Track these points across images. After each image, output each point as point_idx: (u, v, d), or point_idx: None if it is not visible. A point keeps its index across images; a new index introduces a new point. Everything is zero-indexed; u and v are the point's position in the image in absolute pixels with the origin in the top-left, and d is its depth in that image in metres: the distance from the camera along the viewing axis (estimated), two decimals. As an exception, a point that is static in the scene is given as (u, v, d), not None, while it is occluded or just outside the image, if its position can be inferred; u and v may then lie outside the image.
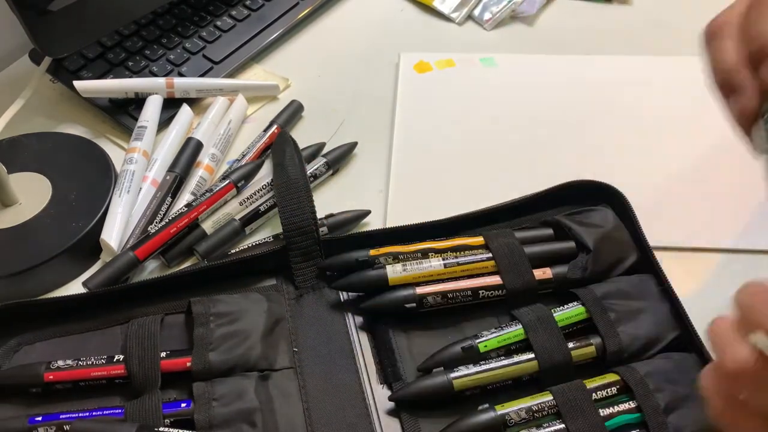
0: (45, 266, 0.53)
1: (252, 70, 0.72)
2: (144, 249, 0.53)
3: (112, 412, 0.44)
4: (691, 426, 0.42)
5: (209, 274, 0.51)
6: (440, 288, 0.49)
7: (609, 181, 0.54)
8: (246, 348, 0.46)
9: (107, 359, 0.46)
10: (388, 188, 0.60)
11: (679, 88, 0.67)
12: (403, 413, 0.45)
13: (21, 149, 0.61)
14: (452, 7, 0.77)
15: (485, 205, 0.54)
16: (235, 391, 0.44)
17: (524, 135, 0.64)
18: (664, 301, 0.48)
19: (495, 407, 0.43)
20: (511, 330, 0.47)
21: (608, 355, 0.46)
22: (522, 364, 0.45)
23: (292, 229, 0.51)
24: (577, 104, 0.66)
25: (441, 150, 0.63)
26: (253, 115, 0.68)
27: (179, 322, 0.49)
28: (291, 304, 0.51)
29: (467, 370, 0.45)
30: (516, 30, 0.76)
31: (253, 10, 0.75)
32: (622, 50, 0.71)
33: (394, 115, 0.66)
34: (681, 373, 0.44)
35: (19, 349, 0.48)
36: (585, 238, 0.50)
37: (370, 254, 0.50)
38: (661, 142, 0.62)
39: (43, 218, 0.56)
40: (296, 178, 0.54)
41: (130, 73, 0.69)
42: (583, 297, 0.48)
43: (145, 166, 0.60)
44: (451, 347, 0.46)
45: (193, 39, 0.72)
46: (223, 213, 0.57)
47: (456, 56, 0.71)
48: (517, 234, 0.52)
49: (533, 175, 0.59)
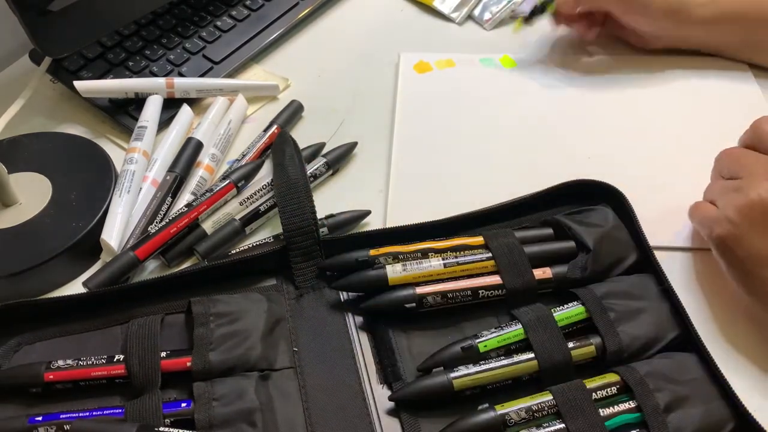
0: (45, 266, 0.53)
1: (252, 70, 0.72)
2: (144, 249, 0.53)
3: (113, 412, 0.44)
4: (691, 426, 0.42)
5: (209, 274, 0.51)
6: (440, 288, 0.49)
7: (609, 180, 0.54)
8: (246, 348, 0.46)
9: (107, 359, 0.46)
10: (388, 188, 0.60)
11: (680, 88, 0.67)
12: (403, 413, 0.45)
13: (21, 149, 0.61)
14: (452, 7, 0.77)
15: (485, 205, 0.54)
16: (235, 391, 0.44)
17: (524, 135, 0.64)
18: (664, 301, 0.48)
19: (495, 407, 0.43)
20: (511, 330, 0.47)
21: (608, 354, 0.46)
22: (522, 364, 0.45)
23: (292, 229, 0.51)
24: (577, 104, 0.66)
25: (441, 150, 0.63)
26: (253, 115, 0.68)
27: (179, 322, 0.49)
28: (291, 304, 0.51)
29: (467, 370, 0.45)
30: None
31: (253, 10, 0.75)
32: (622, 50, 0.71)
33: (394, 115, 0.66)
34: (681, 372, 0.44)
35: (19, 348, 0.48)
36: (585, 237, 0.50)
37: (370, 254, 0.50)
38: (661, 141, 0.62)
39: (43, 218, 0.56)
40: (296, 178, 0.54)
41: (130, 73, 0.69)
42: (582, 297, 0.48)
43: (145, 166, 0.60)
44: (450, 347, 0.46)
45: (193, 39, 0.72)
46: (223, 213, 0.57)
47: (456, 56, 0.72)
48: (516, 234, 0.52)
49: (533, 174, 0.59)
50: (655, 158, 0.61)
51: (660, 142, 0.62)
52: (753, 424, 0.42)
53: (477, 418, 0.42)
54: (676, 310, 0.48)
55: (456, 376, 0.45)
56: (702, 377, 0.45)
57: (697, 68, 0.68)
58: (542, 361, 0.45)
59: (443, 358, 0.46)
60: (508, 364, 0.45)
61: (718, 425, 0.43)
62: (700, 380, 0.44)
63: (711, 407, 0.43)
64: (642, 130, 0.64)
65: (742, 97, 0.66)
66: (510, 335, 0.47)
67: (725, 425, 0.43)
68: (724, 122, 0.63)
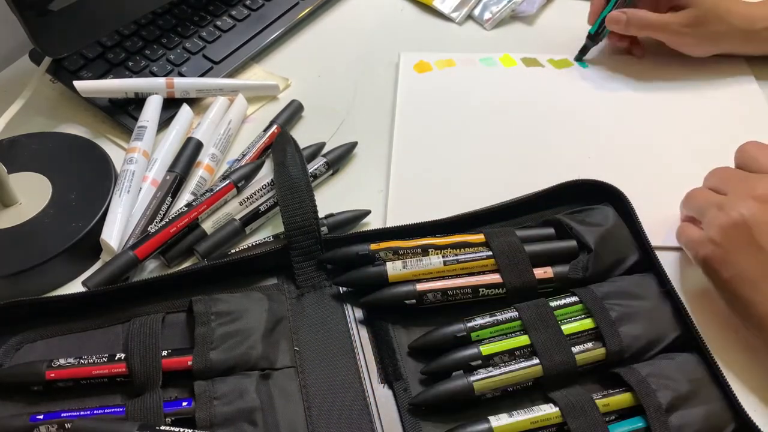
0: (45, 266, 0.53)
1: (252, 70, 0.72)
2: (144, 248, 0.53)
3: (114, 411, 0.44)
4: (693, 426, 0.42)
5: (211, 273, 0.51)
6: (440, 285, 0.49)
7: (610, 180, 0.54)
8: (247, 347, 0.46)
9: (108, 358, 0.46)
10: (388, 188, 0.60)
11: (681, 90, 0.67)
12: (404, 412, 0.45)
13: (21, 149, 0.61)
14: (452, 6, 0.77)
15: (485, 204, 0.54)
16: (236, 390, 0.44)
17: (524, 134, 0.64)
18: (665, 301, 0.48)
19: (489, 418, 0.43)
20: (507, 315, 0.48)
21: (609, 355, 0.46)
22: (528, 369, 0.45)
23: (293, 228, 0.51)
24: (577, 103, 0.66)
25: (441, 150, 0.63)
26: (253, 115, 0.68)
27: (180, 321, 0.49)
28: (292, 303, 0.51)
29: (487, 373, 0.45)
30: (516, 30, 0.76)
31: (253, 10, 0.75)
32: (622, 50, 0.71)
33: (394, 115, 0.66)
34: (683, 373, 0.44)
35: (21, 347, 0.48)
36: (586, 237, 0.50)
37: (371, 248, 0.51)
38: (662, 141, 0.63)
39: (43, 218, 0.56)
40: (298, 178, 0.54)
41: (130, 73, 0.69)
42: (583, 297, 0.48)
43: (145, 166, 0.60)
44: (442, 330, 0.47)
45: (193, 39, 0.72)
46: (223, 213, 0.57)
47: (456, 56, 0.72)
48: (518, 232, 0.52)
49: (534, 174, 0.59)
50: (656, 158, 0.61)
51: (661, 142, 0.62)
52: (750, 424, 0.42)
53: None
54: (678, 310, 0.48)
55: (477, 379, 0.45)
56: (703, 377, 0.45)
57: (698, 70, 0.68)
58: (546, 365, 0.45)
59: (435, 339, 0.47)
60: (527, 367, 0.45)
61: (719, 425, 0.43)
62: (701, 380, 0.44)
63: (713, 407, 0.43)
64: (643, 130, 0.64)
65: (744, 99, 0.66)
66: (509, 326, 0.47)
67: (727, 425, 0.43)
68: (726, 124, 0.63)
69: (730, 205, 0.47)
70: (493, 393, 0.45)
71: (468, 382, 0.44)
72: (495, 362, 0.46)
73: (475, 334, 0.47)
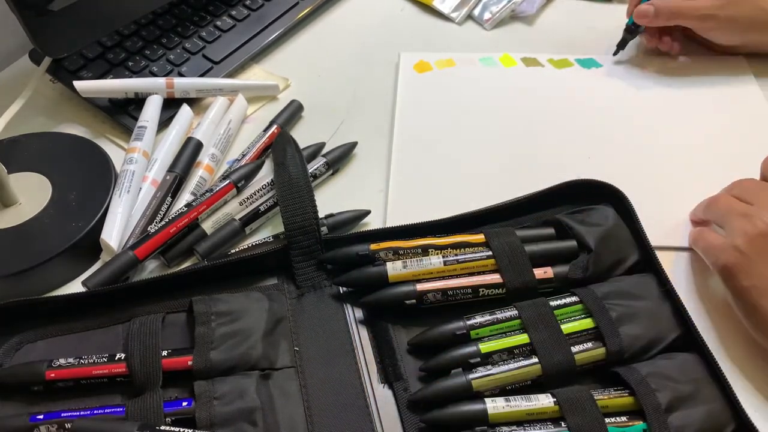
0: (45, 266, 0.53)
1: (252, 70, 0.72)
2: (144, 248, 0.53)
3: (114, 411, 0.44)
4: (693, 425, 0.42)
5: (211, 273, 0.51)
6: (440, 285, 0.49)
7: (610, 180, 0.54)
8: (247, 347, 0.46)
9: (109, 357, 0.46)
10: (388, 188, 0.60)
11: (680, 88, 0.67)
12: (404, 412, 0.45)
13: (21, 149, 0.61)
14: (452, 6, 0.77)
15: (485, 204, 0.54)
16: (236, 390, 0.44)
17: (524, 134, 0.64)
18: (665, 301, 0.48)
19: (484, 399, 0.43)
20: (507, 314, 0.48)
21: (609, 355, 0.46)
22: (527, 368, 0.45)
23: (294, 228, 0.51)
24: (577, 103, 0.66)
25: (441, 150, 0.63)
26: (253, 115, 0.68)
27: (180, 321, 0.49)
28: (292, 303, 0.51)
29: (486, 371, 0.45)
30: (516, 30, 0.76)
31: (253, 10, 0.75)
32: (627, 51, 0.71)
33: (394, 115, 0.66)
34: (683, 373, 0.44)
35: (21, 347, 0.48)
36: (586, 237, 0.50)
37: (371, 249, 0.51)
38: (661, 141, 0.62)
39: (43, 218, 0.56)
40: (298, 178, 0.54)
41: (130, 73, 0.69)
42: (583, 297, 0.48)
43: (145, 166, 0.60)
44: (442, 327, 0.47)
45: (193, 39, 0.72)
46: (223, 213, 0.57)
47: (456, 56, 0.72)
48: (518, 232, 0.52)
49: (533, 174, 0.60)
50: (656, 158, 0.61)
51: (661, 142, 0.62)
52: (750, 425, 0.42)
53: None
54: (678, 311, 0.48)
55: (475, 377, 0.45)
56: (703, 377, 0.45)
57: (698, 70, 0.68)
58: (545, 364, 0.45)
59: (434, 336, 0.47)
60: (526, 365, 0.45)
61: (719, 425, 0.43)
62: (701, 380, 0.44)
63: (713, 407, 0.43)
64: (642, 130, 0.64)
65: (742, 97, 0.66)
66: (508, 324, 0.47)
67: (727, 425, 0.43)
68: (724, 122, 0.63)
69: (758, 214, 0.47)
70: (492, 391, 0.45)
71: (466, 379, 0.44)
72: (494, 360, 0.46)
73: (474, 332, 0.47)
